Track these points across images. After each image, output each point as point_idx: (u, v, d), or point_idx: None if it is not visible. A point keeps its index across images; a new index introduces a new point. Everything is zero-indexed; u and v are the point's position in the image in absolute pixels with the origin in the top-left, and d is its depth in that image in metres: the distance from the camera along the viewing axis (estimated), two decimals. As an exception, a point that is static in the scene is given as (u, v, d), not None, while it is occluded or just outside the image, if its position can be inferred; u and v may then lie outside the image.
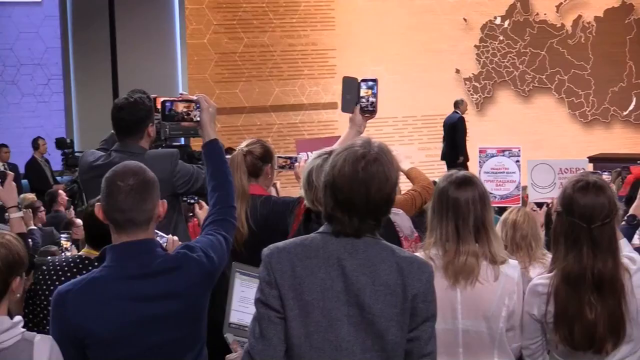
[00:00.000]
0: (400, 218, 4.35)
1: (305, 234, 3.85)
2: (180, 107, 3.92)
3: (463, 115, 16.51)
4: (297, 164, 5.75)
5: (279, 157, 5.64)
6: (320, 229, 3.09)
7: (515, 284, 3.76)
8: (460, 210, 3.74)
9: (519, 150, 6.25)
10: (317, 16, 16.72)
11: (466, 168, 10.27)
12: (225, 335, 3.66)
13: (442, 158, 16.41)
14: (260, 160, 5.09)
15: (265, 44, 16.44)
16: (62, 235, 7.32)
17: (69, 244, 6.93)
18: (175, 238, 4.34)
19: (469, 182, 3.82)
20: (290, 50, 16.60)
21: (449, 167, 14.88)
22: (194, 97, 3.95)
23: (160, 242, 3.83)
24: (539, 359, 3.87)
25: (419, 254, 3.78)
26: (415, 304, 3.00)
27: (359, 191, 2.96)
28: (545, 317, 3.71)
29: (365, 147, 3.02)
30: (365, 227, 3.01)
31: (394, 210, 4.40)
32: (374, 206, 3.00)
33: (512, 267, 3.80)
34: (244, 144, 5.14)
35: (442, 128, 16.69)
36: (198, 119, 3.91)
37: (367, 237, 3.03)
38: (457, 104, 16.60)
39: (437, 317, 3.12)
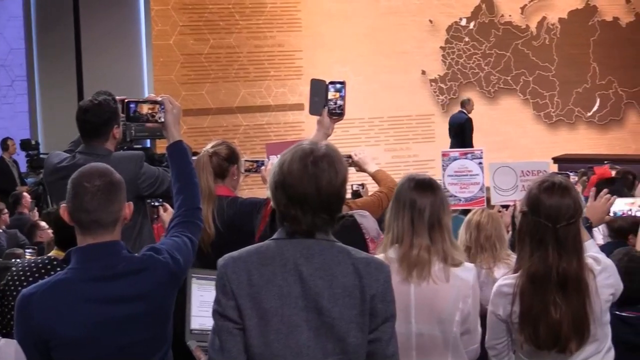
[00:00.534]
0: (366, 220, 4.37)
1: (271, 235, 3.85)
2: (145, 109, 3.90)
3: (469, 115, 16.73)
4: (263, 167, 5.76)
5: (245, 160, 5.64)
6: (275, 235, 3.07)
7: (470, 287, 3.76)
8: (416, 206, 3.76)
9: (482, 152, 6.28)
10: (284, 17, 16.70)
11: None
12: (187, 343, 3.65)
13: None
14: (226, 161, 5.09)
15: (232, 45, 16.40)
16: (27, 251, 7.27)
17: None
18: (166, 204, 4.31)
19: (429, 185, 3.84)
20: (256, 52, 16.56)
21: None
22: (159, 99, 3.94)
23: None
24: (504, 358, 3.89)
25: (378, 254, 3.80)
26: (374, 305, 2.99)
27: (309, 185, 2.96)
28: (511, 317, 3.73)
29: (313, 145, 3.04)
30: (319, 223, 2.99)
31: (360, 212, 4.43)
32: (326, 200, 2.98)
33: (467, 270, 3.80)
34: (209, 145, 5.14)
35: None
36: (162, 120, 3.90)
37: (322, 239, 3.02)
38: (464, 104, 16.87)
39: None
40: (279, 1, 16.62)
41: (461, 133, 16.52)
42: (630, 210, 4.17)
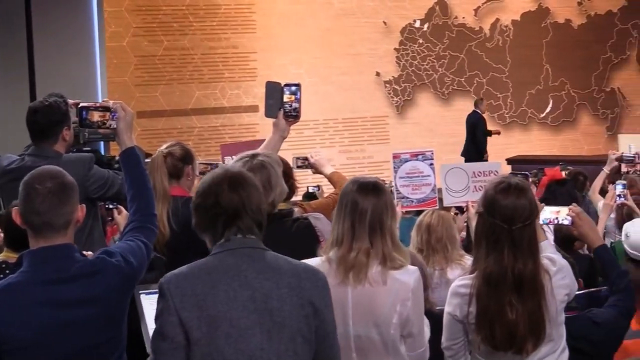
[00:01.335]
0: (320, 222, 4.37)
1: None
2: (96, 116, 3.86)
3: (483, 114, 16.94)
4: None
5: (199, 163, 5.63)
6: (213, 251, 3.14)
7: (411, 290, 3.70)
8: (358, 209, 3.74)
9: (432, 153, 6.30)
10: (238, 19, 16.66)
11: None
12: None
13: (462, 154, 16.76)
14: (181, 162, 5.08)
15: (186, 47, 16.33)
16: None
17: None
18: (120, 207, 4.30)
19: (374, 188, 3.82)
20: (210, 53, 16.50)
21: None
22: (111, 105, 3.90)
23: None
24: (461, 359, 3.90)
25: (320, 255, 3.79)
26: (315, 308, 3.06)
27: (231, 200, 3.10)
28: (468, 318, 3.74)
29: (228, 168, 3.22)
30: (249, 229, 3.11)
31: (315, 214, 4.43)
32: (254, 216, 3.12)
33: (408, 273, 3.75)
34: (164, 146, 5.13)
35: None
36: (114, 127, 3.86)
37: (258, 247, 3.10)
38: (477, 103, 17.05)
39: None
40: (233, 3, 16.57)
41: (473, 131, 16.79)
42: (557, 219, 4.20)
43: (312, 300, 3.07)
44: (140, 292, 3.74)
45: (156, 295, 3.13)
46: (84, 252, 3.54)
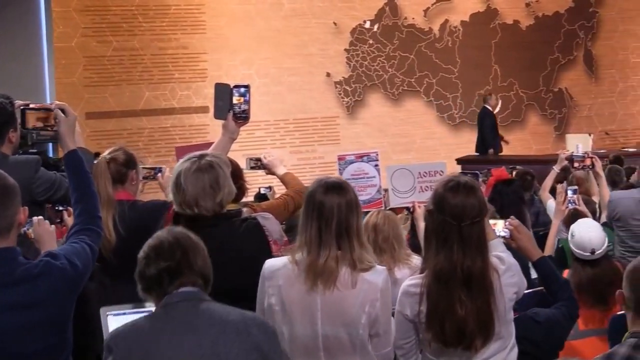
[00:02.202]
0: (269, 222, 4.37)
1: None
2: (35, 119, 3.82)
3: (492, 110, 17.11)
4: (160, 174, 5.74)
5: (143, 167, 5.63)
6: (158, 306, 3.17)
7: (379, 290, 3.76)
8: (324, 214, 3.76)
9: (377, 155, 6.31)
10: (188, 20, 16.58)
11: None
12: None
13: (476, 150, 17.06)
14: (124, 167, 5.08)
15: (135, 47, 16.22)
16: None
17: None
18: (40, 217, 4.28)
19: (338, 187, 3.85)
20: (160, 54, 16.40)
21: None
22: (52, 107, 3.86)
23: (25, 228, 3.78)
24: (412, 358, 3.92)
25: (286, 257, 3.80)
26: (264, 355, 3.12)
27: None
28: (419, 317, 3.77)
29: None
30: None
31: (263, 214, 4.43)
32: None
33: (377, 273, 3.80)
34: (106, 152, 5.13)
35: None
36: (56, 129, 3.82)
37: (202, 299, 3.15)
38: (486, 99, 17.22)
39: (298, 324, 3.18)
40: (183, 3, 16.49)
41: (481, 126, 17.02)
42: (494, 231, 4.25)
43: (261, 346, 3.09)
44: (108, 313, 3.71)
45: (124, 316, 3.13)
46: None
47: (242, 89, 4.68)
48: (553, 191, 8.52)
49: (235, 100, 4.68)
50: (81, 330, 3.62)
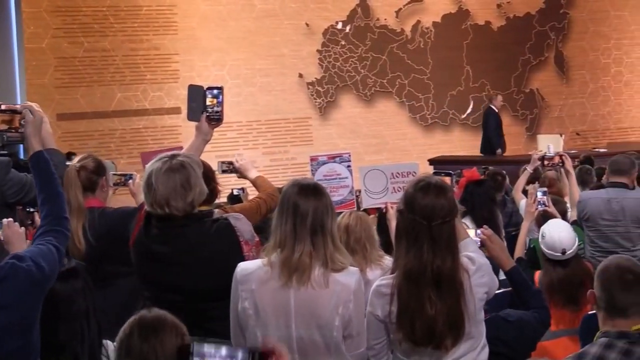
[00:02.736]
0: (240, 223, 4.37)
1: (145, 239, 3.84)
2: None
3: (496, 109, 17.15)
4: (131, 180, 5.75)
5: (113, 174, 5.64)
6: None
7: (352, 292, 3.78)
8: (299, 211, 3.78)
9: (349, 156, 6.33)
10: (159, 20, 16.52)
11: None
12: None
13: (481, 151, 17.19)
14: (95, 174, 5.11)
15: (107, 48, 16.14)
16: None
17: None
18: (10, 220, 4.26)
19: (314, 190, 3.88)
20: (132, 55, 16.33)
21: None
22: (19, 108, 3.83)
23: None
24: (383, 358, 3.92)
25: (260, 260, 3.81)
26: None
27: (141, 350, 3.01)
28: (390, 317, 3.77)
29: None
30: None
31: (235, 214, 4.43)
32: None
33: (350, 274, 3.82)
34: (75, 160, 5.13)
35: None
36: (22, 130, 3.80)
37: None
38: (492, 99, 17.32)
39: (272, 326, 3.15)
40: (154, 4, 16.43)
41: (485, 128, 17.06)
42: (465, 231, 4.27)
43: None
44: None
45: None
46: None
47: (215, 91, 4.68)
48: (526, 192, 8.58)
49: (208, 102, 4.68)
50: (62, 330, 3.59)
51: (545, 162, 8.98)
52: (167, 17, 16.56)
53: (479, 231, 4.43)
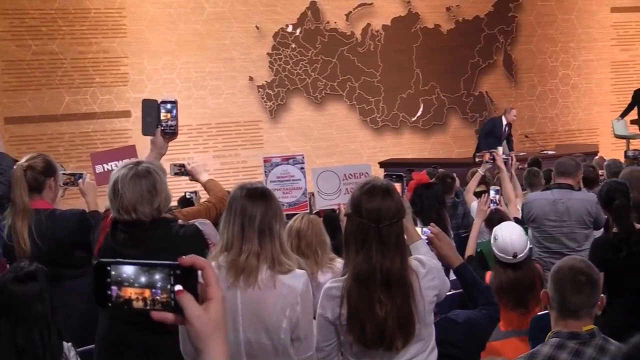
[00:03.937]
0: (207, 227, 4.42)
1: (113, 243, 3.81)
2: None
3: (505, 121, 16.77)
4: (81, 180, 5.70)
5: (63, 173, 5.58)
6: None
7: (299, 294, 3.78)
8: (247, 212, 3.80)
9: (303, 157, 6.35)
10: (108, 23, 16.42)
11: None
12: None
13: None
14: (42, 175, 5.03)
15: (55, 51, 16.01)
16: None
17: None
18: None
19: (262, 193, 3.88)
20: (81, 58, 16.22)
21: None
22: None
23: None
24: (333, 360, 3.93)
25: (210, 261, 3.80)
26: None
27: None
28: (340, 319, 3.77)
29: None
30: None
31: (201, 220, 4.45)
32: None
33: (296, 277, 3.83)
34: (24, 159, 5.06)
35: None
36: None
37: None
38: (506, 111, 16.95)
39: None
40: (103, 7, 16.33)
41: (486, 135, 16.78)
42: (417, 233, 4.30)
43: None
44: None
45: None
46: None
47: (169, 105, 4.70)
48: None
49: (162, 116, 4.70)
50: (20, 335, 3.56)
51: (477, 160, 9.15)
52: (115, 20, 16.46)
53: (426, 229, 4.45)
